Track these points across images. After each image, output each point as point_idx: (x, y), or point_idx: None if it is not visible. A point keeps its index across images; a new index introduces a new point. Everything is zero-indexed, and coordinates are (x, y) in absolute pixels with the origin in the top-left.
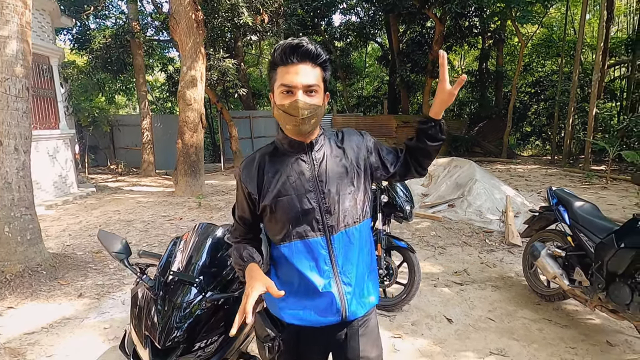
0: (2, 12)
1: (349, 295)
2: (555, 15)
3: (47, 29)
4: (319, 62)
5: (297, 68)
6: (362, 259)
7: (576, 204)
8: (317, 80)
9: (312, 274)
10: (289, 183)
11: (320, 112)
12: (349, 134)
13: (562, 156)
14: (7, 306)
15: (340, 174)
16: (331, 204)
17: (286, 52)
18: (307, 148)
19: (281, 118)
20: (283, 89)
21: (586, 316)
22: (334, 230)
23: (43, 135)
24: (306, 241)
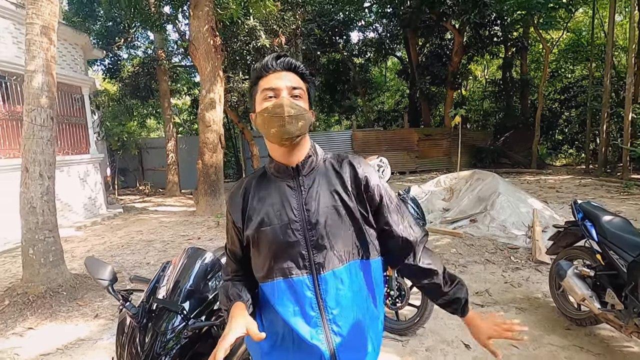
0: (30, 49)
1: (340, 348)
2: (582, 19)
3: (79, 61)
4: (300, 72)
5: (280, 74)
6: (358, 305)
7: (604, 218)
8: (301, 85)
9: (297, 321)
10: (273, 211)
11: (307, 116)
12: (354, 160)
13: (598, 165)
14: (28, 327)
15: (332, 204)
16: (319, 238)
17: (269, 61)
18: (294, 172)
19: (265, 123)
20: (266, 93)
21: (623, 343)
22: (322, 269)
23: (74, 160)
24: (289, 280)
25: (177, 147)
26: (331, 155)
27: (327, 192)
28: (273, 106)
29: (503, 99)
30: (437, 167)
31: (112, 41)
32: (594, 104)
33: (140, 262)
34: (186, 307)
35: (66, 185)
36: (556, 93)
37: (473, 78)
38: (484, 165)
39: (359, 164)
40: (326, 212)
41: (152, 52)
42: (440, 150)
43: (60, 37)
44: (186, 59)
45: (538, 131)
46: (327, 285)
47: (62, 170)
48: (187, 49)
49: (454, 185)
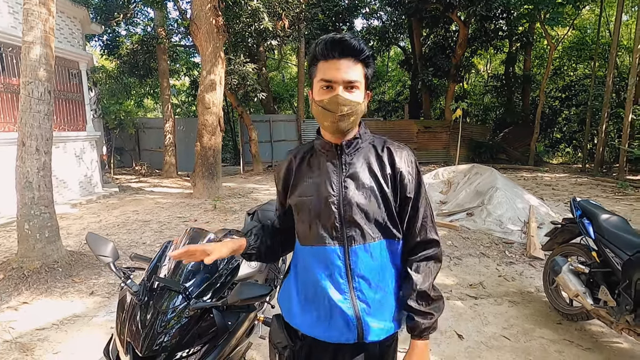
0: (27, 19)
1: (365, 314)
2: (588, 17)
3: (77, 35)
4: (362, 57)
5: (339, 63)
6: (383, 278)
7: (602, 216)
8: (359, 76)
9: (327, 285)
10: (315, 185)
11: (359, 109)
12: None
13: (594, 164)
14: (23, 301)
15: (368, 184)
16: (353, 214)
17: (328, 46)
18: (338, 150)
19: (319, 114)
20: (323, 84)
21: (612, 339)
22: (354, 242)
23: (70, 137)
24: (322, 248)
25: (174, 128)
26: (377, 139)
27: (366, 173)
28: (328, 102)
29: (504, 95)
30: (435, 160)
31: (111, 16)
32: (594, 104)
33: (136, 241)
34: (188, 287)
35: (62, 162)
36: (557, 91)
37: (475, 72)
38: (482, 159)
39: (400, 153)
40: (362, 193)
41: (152, 30)
42: (439, 143)
43: (58, 9)
44: (186, 39)
45: (537, 128)
46: (357, 257)
47: (58, 147)
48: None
49: (452, 179)
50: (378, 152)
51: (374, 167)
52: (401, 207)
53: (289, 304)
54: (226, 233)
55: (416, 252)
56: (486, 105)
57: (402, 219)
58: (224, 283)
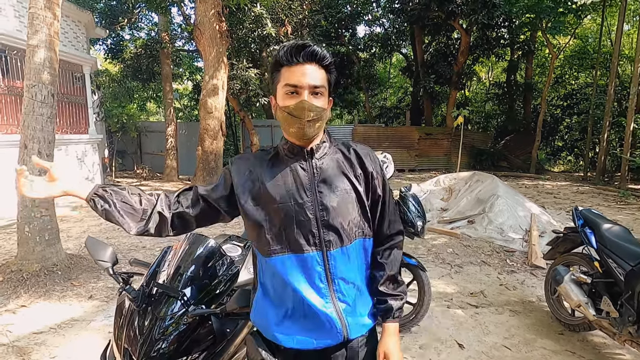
0: (32, 23)
1: (347, 313)
2: (589, 26)
3: (81, 39)
4: (325, 63)
5: (303, 68)
6: (360, 277)
7: (604, 226)
8: (323, 82)
9: (308, 292)
10: (286, 191)
11: (325, 115)
12: (362, 150)
13: (596, 173)
14: (21, 304)
15: (342, 187)
16: (329, 218)
17: (292, 51)
18: (307, 155)
19: (285, 120)
20: (288, 89)
21: (615, 350)
22: (332, 246)
23: (73, 140)
24: (300, 256)
25: (176, 132)
26: (341, 142)
27: (339, 176)
28: (294, 108)
29: (506, 102)
30: (436, 167)
31: (116, 21)
32: (596, 112)
33: (136, 245)
34: (187, 293)
35: (64, 164)
36: (559, 99)
37: (477, 79)
38: (484, 167)
39: (366, 153)
40: (338, 195)
41: (156, 35)
42: (440, 149)
43: (63, 13)
44: (190, 44)
45: (539, 136)
46: (336, 261)
47: (60, 149)
48: (191, 33)
49: (453, 186)
50: (346, 154)
51: (345, 169)
52: (373, 206)
53: (265, 320)
54: (226, 239)
55: (384, 243)
56: (488, 113)
57: (373, 217)
58: (222, 290)
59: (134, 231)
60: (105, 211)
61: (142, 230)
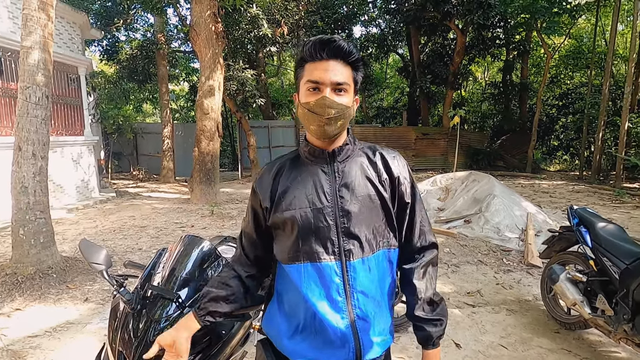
0: (26, 24)
1: (363, 331)
2: (584, 26)
3: (76, 41)
4: (351, 60)
5: (327, 64)
6: (381, 291)
7: (599, 224)
8: (347, 79)
9: (322, 305)
10: (305, 195)
11: (348, 114)
12: (389, 154)
13: (591, 172)
14: (15, 308)
15: (365, 192)
16: (351, 225)
17: (316, 47)
18: (329, 157)
19: (305, 118)
20: (310, 85)
21: (610, 349)
22: (352, 256)
23: (68, 141)
24: (318, 265)
25: (173, 134)
26: (366, 145)
27: (361, 180)
28: (315, 105)
29: (502, 102)
30: (433, 167)
31: (111, 22)
32: (591, 112)
33: (132, 247)
34: (182, 295)
35: (59, 167)
36: (554, 99)
37: (473, 79)
38: (480, 166)
39: (393, 157)
40: (360, 201)
41: (152, 36)
42: (437, 149)
43: (58, 14)
44: (186, 45)
45: (534, 136)
46: (356, 272)
47: (55, 151)
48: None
49: (449, 185)
50: (371, 157)
51: (369, 173)
52: (399, 213)
53: (277, 331)
54: (222, 240)
55: (416, 259)
56: (484, 113)
57: (401, 225)
58: None
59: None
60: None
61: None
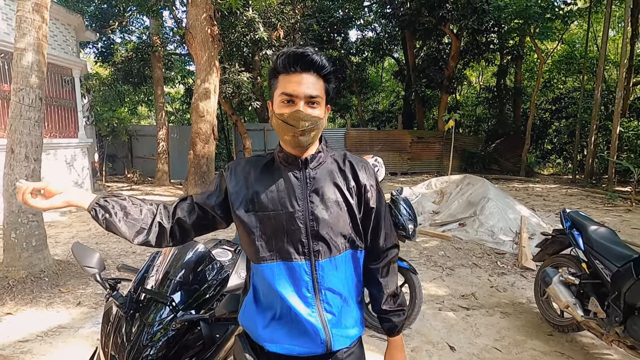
0: (20, 26)
1: (332, 324)
2: (576, 32)
3: (71, 43)
4: (323, 73)
5: (301, 77)
6: (348, 288)
7: (591, 228)
8: (320, 91)
9: (294, 300)
10: (278, 199)
11: (320, 124)
12: (358, 162)
13: (584, 176)
14: (6, 312)
15: (333, 198)
16: (320, 229)
17: (290, 60)
18: (301, 164)
19: (280, 128)
20: (284, 97)
21: (603, 351)
22: (320, 257)
23: (62, 144)
24: (289, 264)
25: (168, 136)
26: (337, 153)
27: (331, 187)
28: (289, 117)
29: (496, 106)
30: (428, 170)
31: (106, 24)
32: (583, 116)
33: (126, 250)
34: (175, 298)
35: (52, 169)
36: (548, 103)
37: (468, 84)
38: (475, 170)
39: (361, 166)
40: (328, 206)
41: (147, 38)
42: (432, 153)
43: (53, 16)
44: (181, 47)
45: (528, 139)
46: (324, 271)
47: (49, 154)
48: (183, 37)
49: (444, 189)
50: (340, 165)
51: (338, 180)
52: (365, 218)
53: (253, 323)
54: (216, 243)
55: (380, 258)
56: (478, 117)
57: (366, 229)
58: (212, 295)
59: (135, 241)
60: (106, 220)
61: (142, 241)
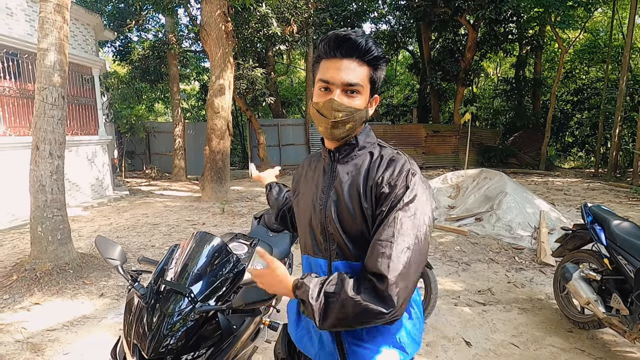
0: (43, 27)
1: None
2: (600, 19)
3: (90, 42)
4: (368, 59)
5: (340, 63)
6: None
7: (614, 222)
8: (361, 79)
9: None
10: (310, 193)
11: (358, 116)
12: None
13: (608, 169)
14: (34, 302)
15: (348, 197)
16: (331, 227)
17: (331, 44)
18: (331, 157)
19: (315, 118)
20: (321, 84)
21: (625, 348)
22: (336, 257)
23: (83, 141)
24: (312, 258)
25: (184, 133)
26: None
27: (351, 186)
28: (322, 106)
29: (514, 98)
30: (444, 164)
31: (124, 23)
32: (607, 107)
33: (145, 244)
34: (194, 290)
35: (74, 166)
36: (569, 94)
37: (485, 75)
38: (492, 164)
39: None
40: (340, 205)
41: (163, 36)
42: (448, 147)
43: (73, 16)
44: (196, 44)
45: (548, 132)
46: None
47: (71, 151)
48: (198, 34)
49: (460, 183)
50: (373, 160)
51: (360, 180)
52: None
53: (292, 315)
54: (232, 237)
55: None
56: (496, 109)
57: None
58: (229, 287)
59: None
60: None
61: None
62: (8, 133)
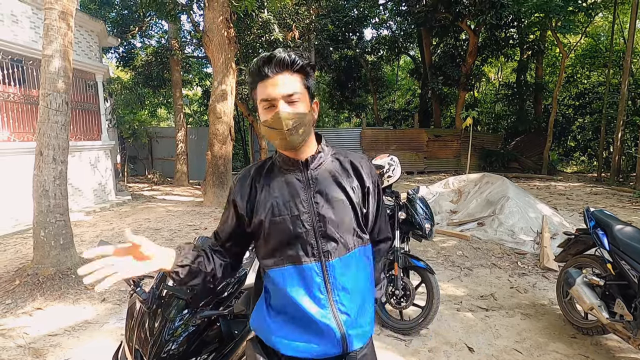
0: (47, 34)
1: (347, 325)
2: (601, 24)
3: (94, 48)
4: (296, 69)
5: (274, 80)
6: (360, 287)
7: (617, 227)
8: (297, 87)
9: (307, 303)
10: (283, 203)
11: (307, 120)
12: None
13: (610, 173)
14: (37, 307)
15: (338, 197)
16: (327, 228)
17: (261, 66)
18: (302, 166)
19: (268, 134)
20: (264, 104)
21: (630, 355)
22: (330, 256)
23: (86, 146)
24: (299, 267)
25: (186, 138)
26: (336, 152)
27: (334, 186)
28: (272, 120)
29: (516, 103)
30: (445, 169)
31: (127, 29)
32: (609, 111)
33: None
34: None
35: (77, 171)
36: (571, 99)
37: (486, 80)
38: (494, 169)
39: (363, 164)
40: (334, 205)
41: (166, 42)
42: (449, 151)
43: (77, 23)
44: (199, 50)
45: (550, 137)
46: (335, 270)
47: (74, 156)
48: (200, 40)
49: (462, 188)
50: (342, 164)
51: (341, 179)
52: (367, 214)
53: (266, 327)
54: None
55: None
56: (497, 114)
57: (367, 224)
58: (230, 292)
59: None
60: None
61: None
62: (12, 138)
